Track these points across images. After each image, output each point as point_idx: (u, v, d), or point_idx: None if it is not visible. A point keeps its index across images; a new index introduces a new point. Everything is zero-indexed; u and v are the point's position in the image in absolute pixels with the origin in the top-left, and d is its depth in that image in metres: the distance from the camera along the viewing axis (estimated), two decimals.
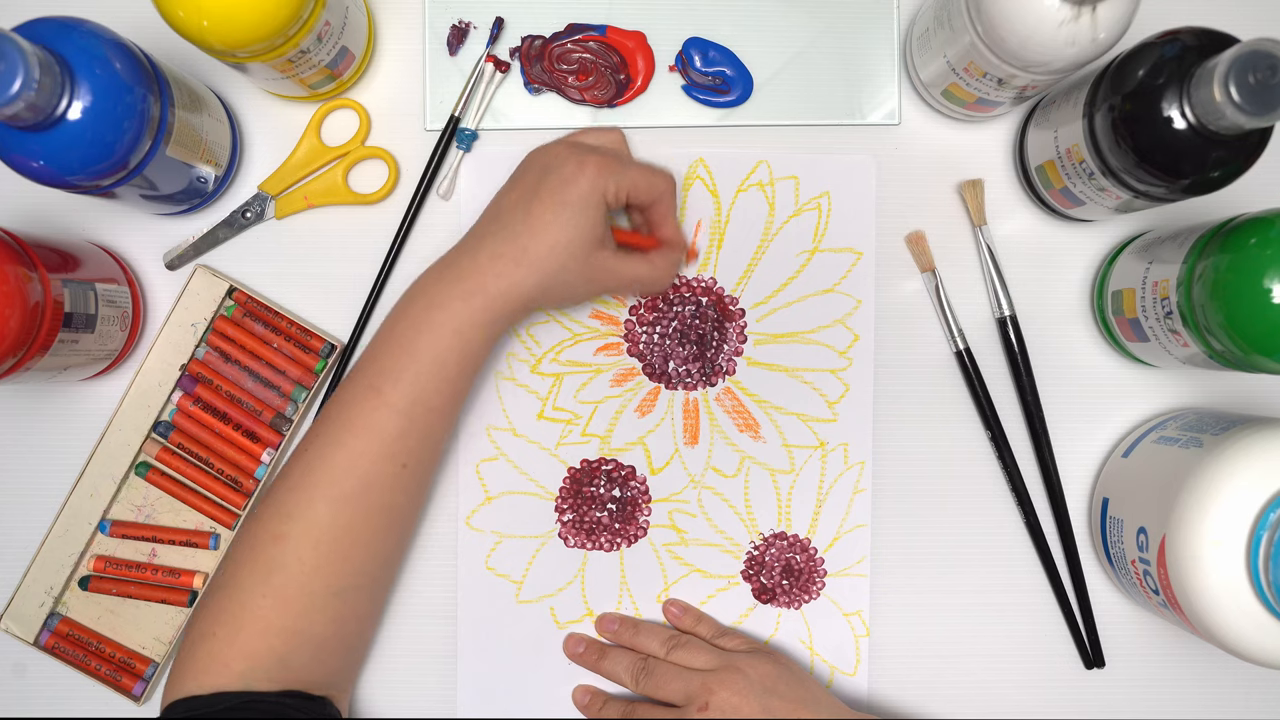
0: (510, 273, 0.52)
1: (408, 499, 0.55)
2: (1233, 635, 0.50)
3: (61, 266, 0.53)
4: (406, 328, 0.53)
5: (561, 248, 0.53)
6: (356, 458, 0.52)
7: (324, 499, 0.52)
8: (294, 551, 0.51)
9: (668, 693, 0.57)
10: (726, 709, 0.54)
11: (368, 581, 0.55)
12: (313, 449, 0.53)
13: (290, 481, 0.53)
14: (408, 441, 0.53)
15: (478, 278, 0.52)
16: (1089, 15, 0.48)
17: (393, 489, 0.53)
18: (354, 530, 0.52)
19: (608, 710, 0.59)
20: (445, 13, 0.62)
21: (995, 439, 0.62)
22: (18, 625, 0.60)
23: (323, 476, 0.52)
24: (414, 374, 0.52)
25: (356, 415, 0.52)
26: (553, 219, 0.52)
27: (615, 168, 0.54)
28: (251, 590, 0.52)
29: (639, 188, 0.55)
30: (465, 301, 0.52)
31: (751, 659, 0.57)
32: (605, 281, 0.55)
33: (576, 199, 0.53)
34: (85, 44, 0.47)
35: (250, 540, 0.53)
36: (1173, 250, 0.54)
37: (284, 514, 0.52)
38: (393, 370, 0.52)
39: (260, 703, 0.51)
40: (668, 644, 0.59)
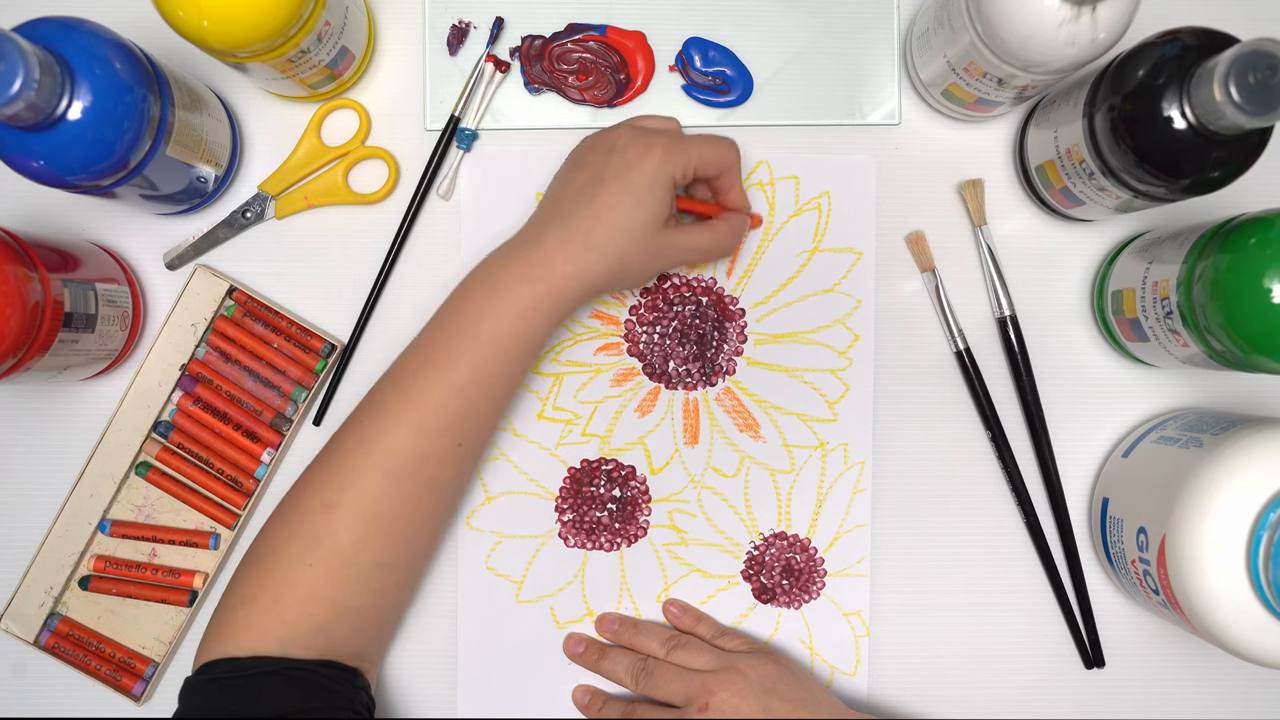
0: (578, 258, 0.52)
1: (459, 477, 0.55)
2: (1233, 635, 0.50)
3: (61, 266, 0.53)
4: (469, 309, 0.53)
5: (628, 231, 0.52)
6: (414, 433, 0.52)
7: (378, 471, 0.52)
8: (343, 522, 0.51)
9: (668, 693, 0.57)
10: (726, 709, 0.54)
11: (412, 556, 0.55)
12: (368, 421, 0.53)
13: (343, 451, 0.53)
14: (465, 420, 0.53)
15: (544, 264, 0.52)
16: (1089, 15, 0.48)
17: (447, 466, 0.53)
18: (406, 505, 0.53)
19: (607, 710, 0.59)
20: (445, 13, 0.62)
21: (995, 439, 0.62)
22: (18, 625, 0.60)
23: (377, 448, 0.52)
24: (474, 354, 0.52)
25: (415, 391, 0.52)
26: (619, 202, 0.52)
27: (681, 147, 0.54)
28: (297, 558, 0.52)
29: (706, 161, 0.55)
30: (530, 286, 0.52)
31: (751, 659, 0.57)
32: (670, 256, 0.55)
33: (643, 181, 0.52)
34: (85, 44, 0.47)
35: (297, 508, 0.53)
36: (1173, 250, 0.54)
37: (335, 484, 0.52)
38: (454, 349, 0.52)
39: (297, 669, 0.51)
40: (667, 644, 0.59)
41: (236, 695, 0.50)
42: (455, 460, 0.54)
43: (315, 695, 0.51)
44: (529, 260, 0.53)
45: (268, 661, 0.51)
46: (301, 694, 0.50)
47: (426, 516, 0.54)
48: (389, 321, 0.62)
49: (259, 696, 0.50)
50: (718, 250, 0.57)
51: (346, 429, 0.54)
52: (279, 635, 0.51)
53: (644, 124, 0.56)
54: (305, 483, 0.54)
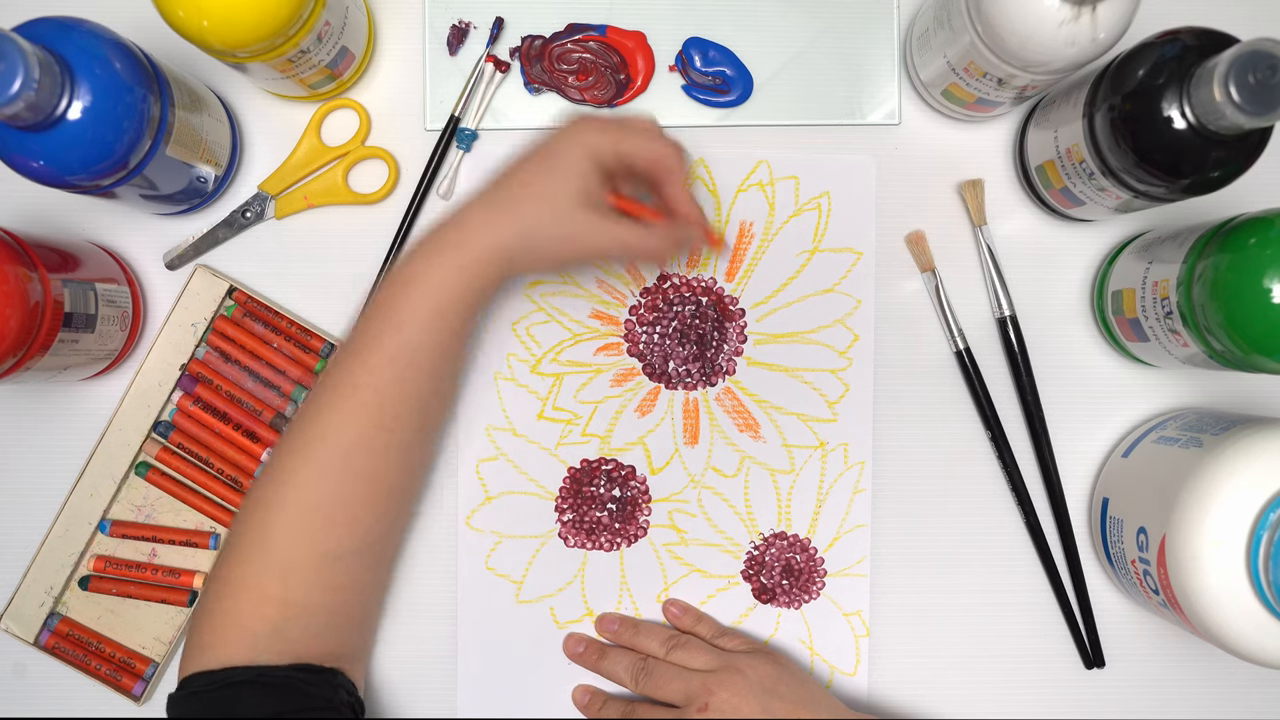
0: (491, 221, 0.52)
1: (394, 465, 0.53)
2: (1233, 635, 0.50)
3: (61, 266, 0.53)
4: (393, 286, 0.53)
5: (536, 198, 0.52)
6: (340, 422, 0.51)
7: (309, 464, 0.51)
8: (282, 517, 0.51)
9: (667, 693, 0.57)
10: (726, 709, 0.54)
11: (361, 548, 0.54)
12: (306, 413, 0.53)
13: (282, 446, 0.53)
14: (390, 406, 0.52)
15: (459, 231, 0.52)
16: (1089, 15, 0.48)
17: (375, 454, 0.52)
18: (340, 496, 0.52)
19: (607, 710, 0.59)
20: (445, 13, 0.62)
21: (995, 439, 0.62)
22: (18, 625, 0.60)
23: (309, 441, 0.52)
24: (395, 333, 0.52)
25: (341, 378, 0.52)
26: (532, 169, 0.52)
27: (612, 129, 0.52)
28: (243, 559, 0.51)
29: (640, 151, 0.53)
30: (447, 254, 0.52)
31: (751, 659, 0.57)
32: (592, 240, 0.53)
33: (562, 150, 0.52)
34: (85, 44, 0.48)
35: (244, 507, 0.53)
36: (1173, 250, 0.54)
37: (275, 479, 0.52)
38: (376, 332, 0.52)
39: (271, 675, 0.50)
40: (667, 644, 0.59)
41: (212, 707, 0.50)
42: (386, 448, 0.52)
43: (291, 699, 0.50)
44: (446, 231, 0.52)
45: (241, 671, 0.50)
46: (277, 699, 0.50)
47: (366, 507, 0.53)
48: None
49: (234, 706, 0.49)
50: (647, 251, 0.55)
51: (291, 422, 0.54)
52: (243, 642, 0.51)
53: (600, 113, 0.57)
54: (255, 480, 0.54)
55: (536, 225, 0.52)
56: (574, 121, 0.53)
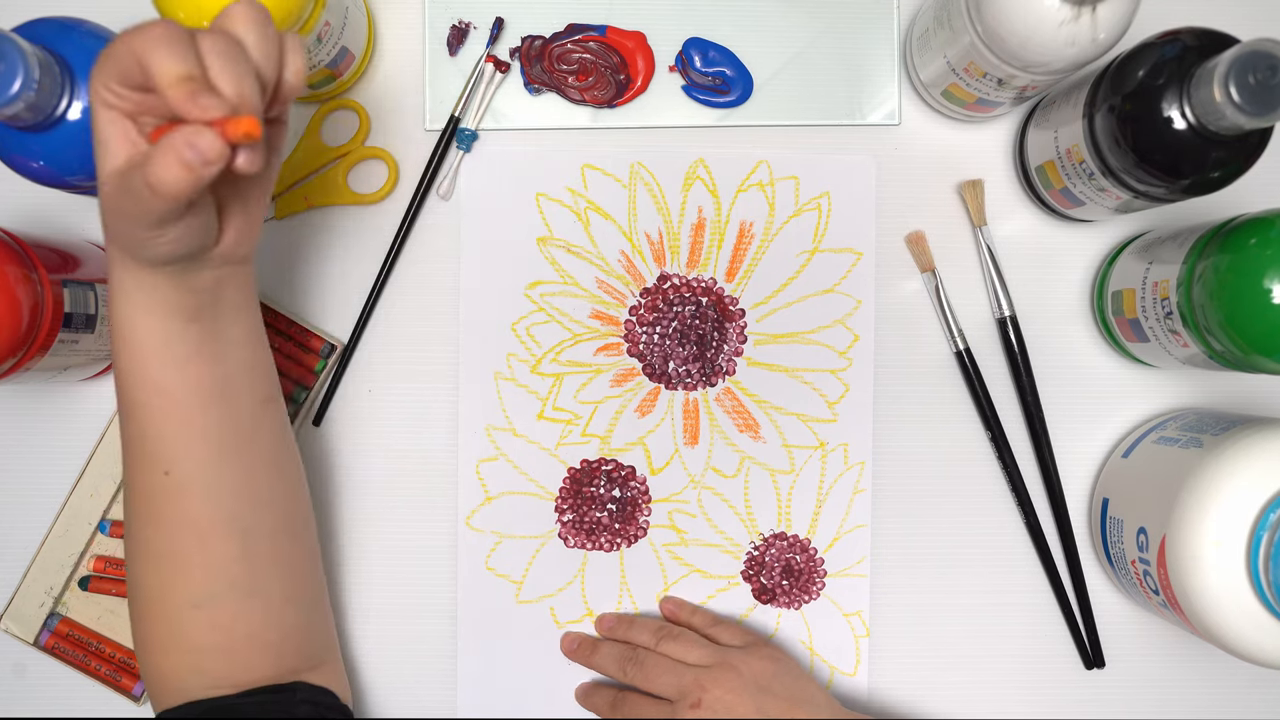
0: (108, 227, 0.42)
1: (183, 506, 0.48)
2: (1233, 635, 0.50)
3: (61, 266, 0.53)
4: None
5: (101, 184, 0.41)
6: (130, 471, 0.49)
7: (131, 518, 0.50)
8: (134, 570, 0.50)
9: (658, 685, 0.56)
10: (719, 708, 0.54)
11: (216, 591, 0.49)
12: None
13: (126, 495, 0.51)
14: (145, 444, 0.47)
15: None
16: (1089, 15, 0.48)
17: (159, 498, 0.48)
18: (154, 546, 0.49)
19: (594, 696, 0.59)
20: (445, 13, 0.62)
21: (995, 439, 0.62)
22: (18, 625, 0.60)
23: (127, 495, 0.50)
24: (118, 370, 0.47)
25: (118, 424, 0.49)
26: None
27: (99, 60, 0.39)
28: (134, 615, 0.51)
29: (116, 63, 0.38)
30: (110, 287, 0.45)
31: (746, 655, 0.56)
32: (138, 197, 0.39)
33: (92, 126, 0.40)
34: (85, 44, 0.47)
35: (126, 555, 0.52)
36: (1173, 250, 0.54)
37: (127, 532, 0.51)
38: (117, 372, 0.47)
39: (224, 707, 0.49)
40: (658, 634, 0.58)
41: None
42: (168, 490, 0.47)
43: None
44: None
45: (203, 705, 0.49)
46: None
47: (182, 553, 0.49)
48: (389, 321, 0.62)
49: None
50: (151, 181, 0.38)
51: None
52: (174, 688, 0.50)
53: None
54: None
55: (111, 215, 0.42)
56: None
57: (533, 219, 0.62)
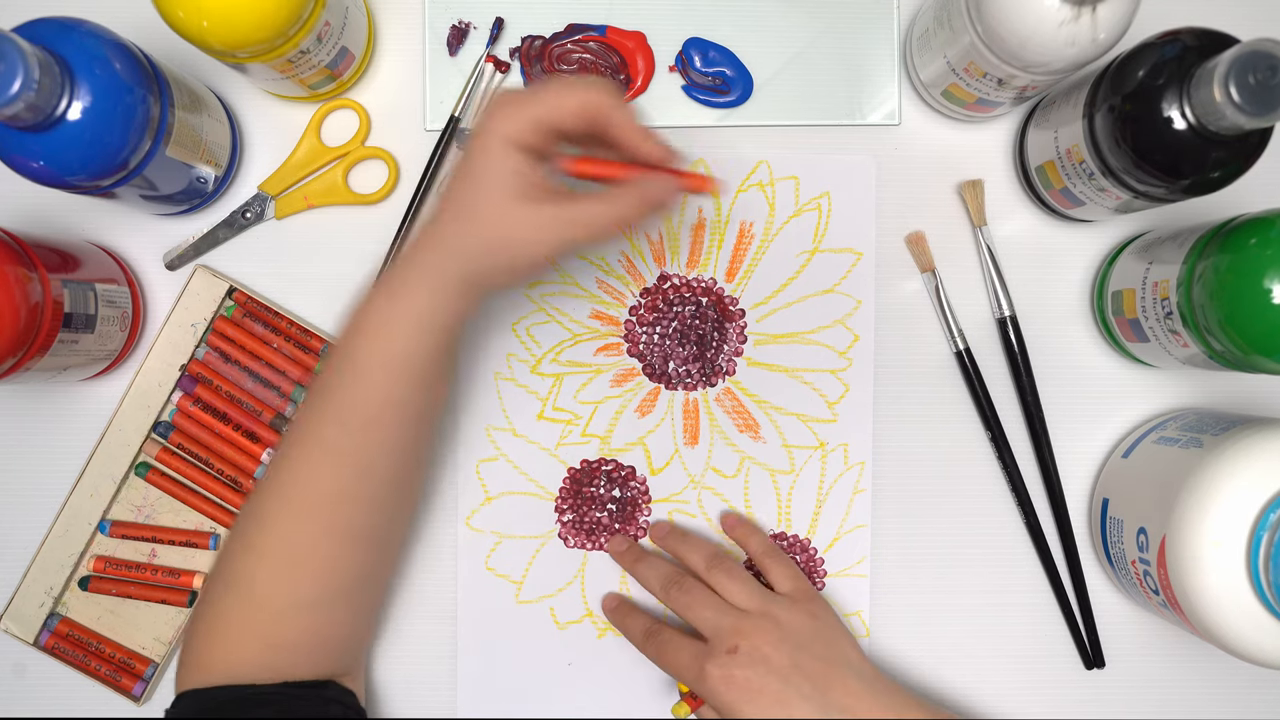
0: (437, 259, 0.48)
1: (374, 515, 0.52)
2: (1233, 635, 0.50)
3: (61, 266, 0.53)
4: (354, 335, 0.50)
5: (470, 217, 0.47)
6: (313, 473, 0.50)
7: (287, 511, 0.50)
8: (260, 562, 0.51)
9: (697, 618, 0.55)
10: (756, 657, 0.53)
11: (339, 595, 0.52)
12: (282, 458, 0.51)
13: (265, 488, 0.52)
14: (362, 458, 0.50)
15: (407, 276, 0.49)
16: (1089, 15, 0.48)
17: (352, 503, 0.50)
18: (316, 546, 0.50)
19: (631, 620, 0.59)
20: (445, 13, 0.62)
21: (995, 439, 0.62)
22: (18, 625, 0.60)
23: (287, 487, 0.50)
24: (357, 384, 0.49)
25: (310, 429, 0.50)
26: (458, 187, 0.47)
27: (520, 102, 0.46)
28: (223, 597, 0.51)
29: (564, 111, 0.46)
30: (401, 301, 0.48)
31: (790, 609, 0.55)
32: (548, 235, 0.47)
33: (477, 155, 0.46)
34: (85, 44, 0.48)
35: (228, 544, 0.53)
36: (1173, 250, 0.54)
37: (256, 522, 0.51)
38: (339, 383, 0.49)
39: (261, 692, 0.50)
40: (709, 560, 0.57)
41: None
42: (361, 498, 0.51)
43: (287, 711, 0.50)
44: (399, 276, 0.49)
45: (233, 690, 0.50)
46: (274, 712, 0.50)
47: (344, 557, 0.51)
48: None
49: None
50: (621, 220, 0.47)
51: (274, 458, 0.52)
52: (232, 670, 0.51)
53: (509, 90, 0.49)
54: (238, 516, 0.53)
55: (478, 247, 0.47)
56: (482, 117, 0.48)
57: None
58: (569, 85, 0.47)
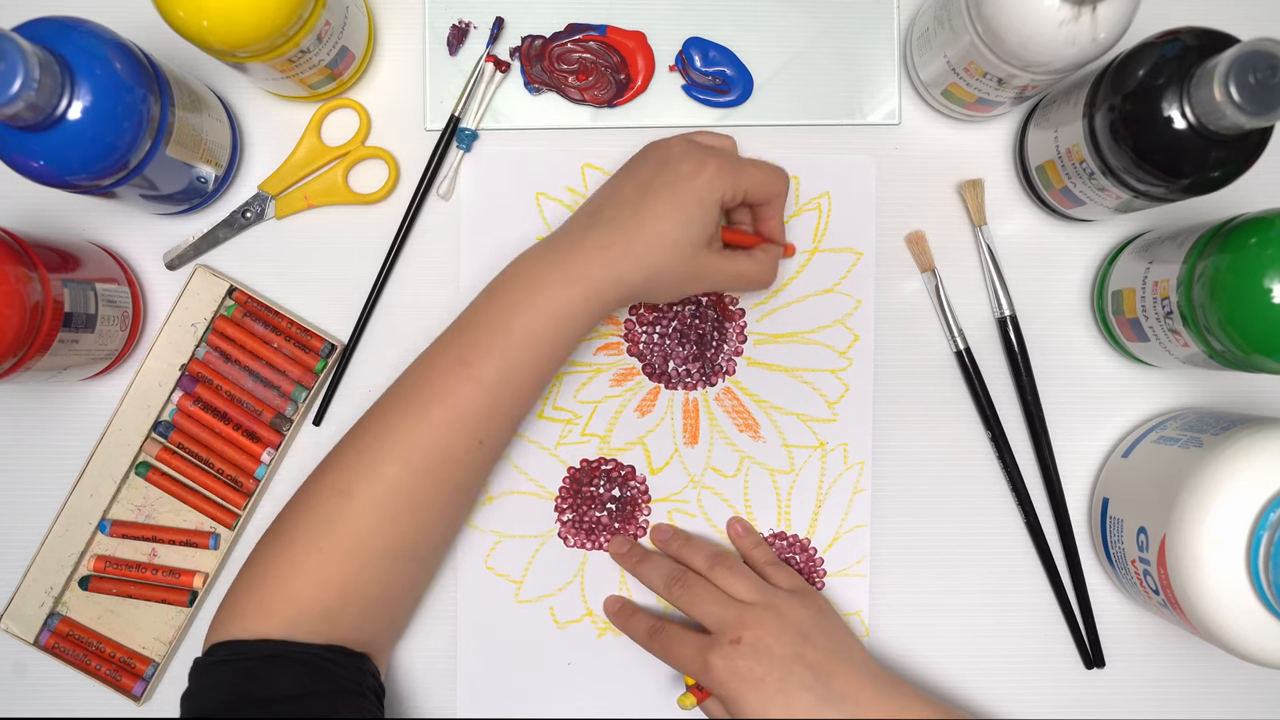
0: (615, 264, 0.52)
1: (477, 475, 0.55)
2: (1233, 635, 0.50)
3: (61, 266, 0.53)
4: (503, 306, 0.53)
5: (669, 245, 0.52)
6: (436, 428, 0.52)
7: (396, 463, 0.52)
8: (356, 509, 0.52)
9: (701, 613, 0.56)
10: (759, 648, 0.54)
11: (424, 549, 0.55)
12: (393, 411, 0.53)
13: (365, 439, 0.53)
14: (489, 420, 0.53)
15: (583, 265, 0.52)
16: (1089, 15, 0.48)
17: (465, 464, 0.53)
18: (419, 498, 0.53)
19: (634, 621, 0.59)
20: (445, 13, 0.62)
21: (995, 439, 0.62)
22: (18, 625, 0.60)
23: (399, 440, 0.52)
24: (505, 352, 0.52)
25: (442, 386, 0.52)
26: (663, 214, 0.52)
27: (734, 169, 0.53)
28: (307, 542, 0.52)
29: (756, 186, 0.55)
30: (567, 288, 0.52)
31: (792, 601, 0.56)
32: (710, 278, 0.55)
33: (692, 198, 0.52)
34: (85, 44, 0.48)
35: (313, 493, 0.53)
36: (1173, 250, 0.54)
37: (352, 471, 0.52)
38: (484, 346, 0.52)
39: (302, 652, 0.51)
40: (712, 559, 0.58)
41: (241, 676, 0.50)
42: (474, 459, 0.54)
43: (320, 678, 0.51)
44: (566, 262, 0.53)
45: (272, 645, 0.51)
46: (306, 676, 0.51)
47: (441, 511, 0.54)
48: (389, 321, 0.62)
49: (263, 678, 0.50)
50: (759, 281, 0.57)
51: (370, 418, 0.54)
52: (286, 619, 0.51)
53: (701, 139, 0.57)
54: (324, 468, 0.54)
55: (665, 270, 0.53)
56: (699, 161, 0.53)
57: (533, 219, 0.62)
58: (778, 173, 0.56)
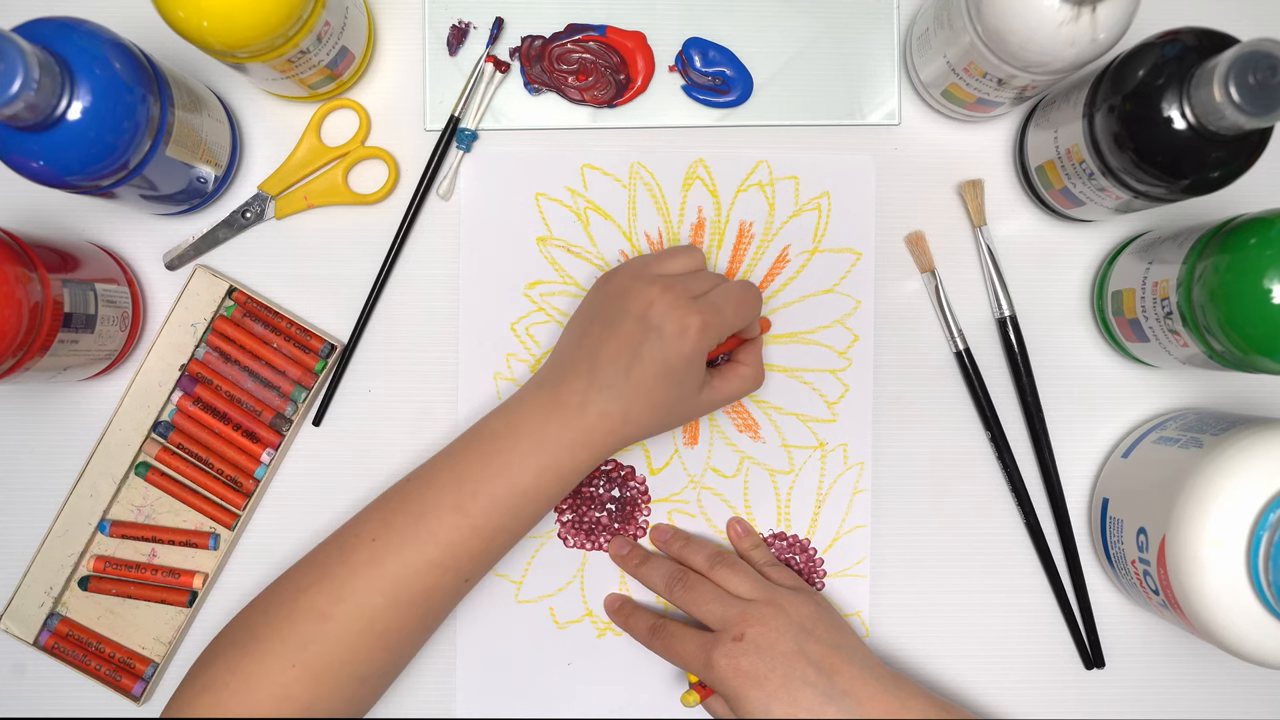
0: (617, 429, 0.53)
1: (455, 603, 0.55)
2: (1233, 635, 0.50)
3: (61, 266, 0.53)
4: (506, 464, 0.53)
5: (666, 409, 0.54)
6: (428, 567, 0.52)
7: (383, 594, 0.52)
8: (336, 634, 0.51)
9: (703, 612, 0.56)
10: (762, 644, 0.54)
11: (394, 670, 0.55)
12: (382, 540, 0.52)
13: (350, 562, 0.52)
14: (480, 561, 0.54)
15: (585, 432, 0.53)
16: (1089, 15, 0.48)
17: (449, 598, 0.54)
18: (399, 628, 0.52)
19: (635, 619, 0.59)
20: (445, 13, 0.62)
21: (995, 439, 0.62)
22: (18, 625, 0.60)
23: (388, 574, 0.52)
24: (505, 504, 0.53)
25: (439, 528, 0.52)
26: (655, 385, 0.53)
27: (716, 323, 0.53)
28: (279, 656, 0.51)
29: (737, 325, 0.55)
30: (573, 451, 0.53)
31: (793, 597, 0.56)
32: (707, 409, 0.57)
33: (680, 362, 0.53)
34: (85, 44, 0.47)
35: (291, 607, 0.52)
36: (1173, 250, 0.54)
37: (334, 592, 0.52)
38: (484, 495, 0.52)
39: None
40: (712, 559, 0.58)
41: None
42: (459, 594, 0.54)
43: None
44: (570, 424, 0.53)
45: None
46: None
47: (419, 638, 0.55)
48: (389, 321, 0.62)
49: None
50: (752, 387, 0.58)
51: (355, 540, 0.53)
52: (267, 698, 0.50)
53: (666, 268, 0.56)
54: (302, 579, 0.53)
55: (662, 425, 0.55)
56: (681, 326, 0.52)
57: (532, 219, 0.62)
58: (752, 300, 0.56)
